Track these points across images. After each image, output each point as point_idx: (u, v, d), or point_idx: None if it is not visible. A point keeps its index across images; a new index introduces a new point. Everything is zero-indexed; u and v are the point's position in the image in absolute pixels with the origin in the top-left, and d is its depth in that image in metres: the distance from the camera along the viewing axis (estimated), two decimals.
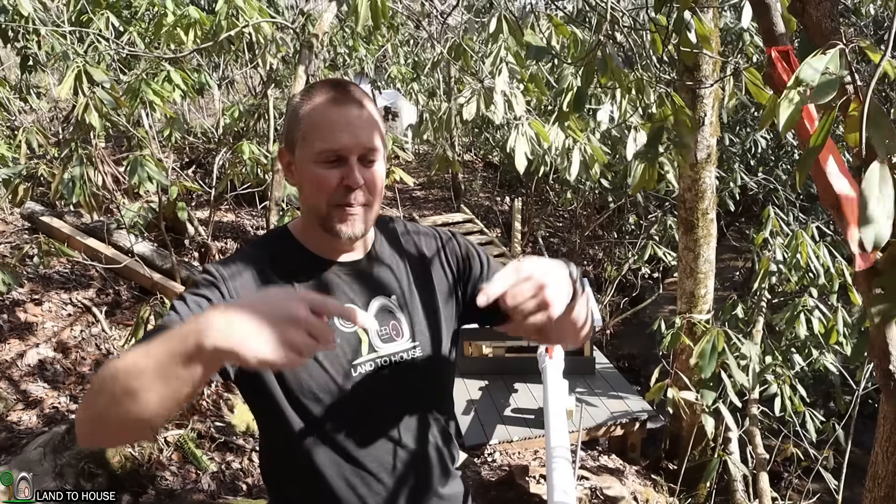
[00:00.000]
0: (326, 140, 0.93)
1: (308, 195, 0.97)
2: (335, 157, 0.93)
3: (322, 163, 0.93)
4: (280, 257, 1.02)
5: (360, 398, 1.00)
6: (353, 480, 1.02)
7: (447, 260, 1.14)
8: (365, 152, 0.94)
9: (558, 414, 3.22)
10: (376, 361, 1.01)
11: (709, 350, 2.57)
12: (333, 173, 0.93)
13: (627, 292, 8.29)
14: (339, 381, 0.98)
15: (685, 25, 1.84)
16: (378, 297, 1.04)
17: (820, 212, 6.72)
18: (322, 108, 0.94)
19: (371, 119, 0.96)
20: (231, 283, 0.95)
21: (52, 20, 4.13)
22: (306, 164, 0.95)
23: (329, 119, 0.93)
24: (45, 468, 2.70)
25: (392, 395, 1.03)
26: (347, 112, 0.94)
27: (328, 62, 8.15)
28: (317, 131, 0.93)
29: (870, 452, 1.39)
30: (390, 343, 1.03)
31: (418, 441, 1.07)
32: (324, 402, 0.98)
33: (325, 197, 0.94)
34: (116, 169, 3.16)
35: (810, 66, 0.87)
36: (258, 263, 0.99)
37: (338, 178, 0.93)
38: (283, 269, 1.00)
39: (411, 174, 4.57)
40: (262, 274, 0.99)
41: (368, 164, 0.96)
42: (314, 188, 0.95)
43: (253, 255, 1.02)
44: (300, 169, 0.97)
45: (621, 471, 4.23)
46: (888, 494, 1.32)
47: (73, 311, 4.31)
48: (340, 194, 0.94)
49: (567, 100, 2.09)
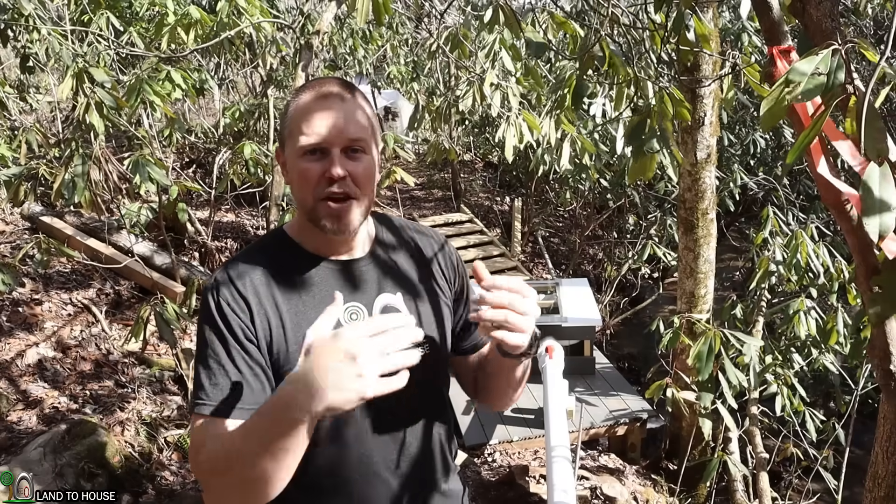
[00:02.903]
0: (308, 134, 0.93)
1: (296, 191, 0.98)
2: (318, 150, 0.93)
3: (306, 156, 0.94)
4: (278, 259, 1.01)
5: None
6: (357, 480, 1.02)
7: (444, 263, 1.15)
8: (348, 143, 0.94)
9: (558, 414, 3.21)
10: None
11: (706, 352, 2.57)
12: (316, 166, 0.94)
13: (627, 292, 8.29)
14: None
15: (685, 25, 1.84)
16: (382, 294, 1.04)
17: (820, 211, 6.72)
18: (305, 104, 0.95)
19: (355, 111, 0.96)
20: (234, 305, 0.94)
21: (51, 20, 4.12)
22: (293, 159, 0.96)
23: (311, 113, 0.94)
24: (45, 468, 2.70)
25: (398, 392, 1.03)
26: (329, 105, 0.94)
27: (328, 62, 8.15)
28: (300, 126, 0.94)
29: (870, 452, 1.39)
30: None
31: (423, 438, 1.07)
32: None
33: (310, 190, 0.95)
34: (120, 168, 3.16)
35: (802, 66, 0.88)
36: (256, 266, 0.99)
37: (321, 171, 0.93)
38: (281, 270, 1.00)
39: (411, 174, 4.55)
40: (261, 277, 0.98)
41: (354, 156, 0.95)
42: (300, 182, 0.96)
43: (250, 258, 1.01)
44: (289, 165, 0.98)
45: (621, 471, 4.23)
46: (888, 494, 1.32)
47: (73, 311, 4.31)
48: (323, 187, 0.93)
49: (567, 91, 2.08)
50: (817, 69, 0.87)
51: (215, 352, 0.93)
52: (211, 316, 0.95)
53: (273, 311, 0.96)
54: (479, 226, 8.74)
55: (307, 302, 0.99)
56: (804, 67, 0.87)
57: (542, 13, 2.37)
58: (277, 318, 0.96)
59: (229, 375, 0.92)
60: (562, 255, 9.41)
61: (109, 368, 3.95)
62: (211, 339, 0.94)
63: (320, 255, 1.02)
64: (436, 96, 7.50)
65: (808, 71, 0.87)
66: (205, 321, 0.96)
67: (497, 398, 1.17)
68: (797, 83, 0.87)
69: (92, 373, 3.85)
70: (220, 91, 8.60)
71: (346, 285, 1.02)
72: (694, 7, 1.89)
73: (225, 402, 0.90)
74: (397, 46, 8.47)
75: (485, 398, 1.21)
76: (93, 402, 3.56)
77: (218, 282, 0.97)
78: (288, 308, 0.97)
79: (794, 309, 3.36)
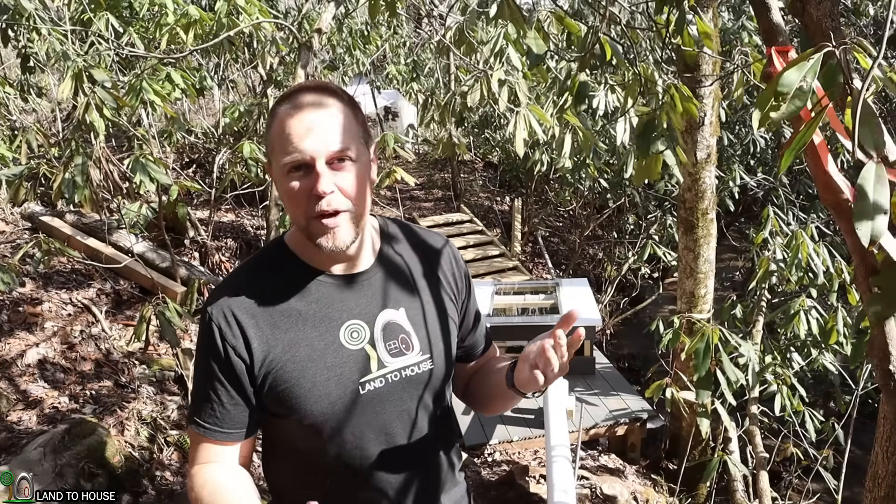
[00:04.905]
0: (288, 151, 0.88)
1: (287, 209, 0.95)
2: (302, 166, 0.89)
3: (290, 174, 0.89)
4: (277, 274, 0.99)
5: (370, 414, 0.99)
6: (362, 495, 1.02)
7: (451, 271, 1.12)
8: (333, 155, 0.89)
9: (558, 414, 3.22)
10: (386, 377, 0.99)
11: (702, 348, 2.56)
12: (303, 184, 0.89)
13: (627, 292, 8.30)
14: (347, 400, 0.97)
15: (686, 24, 1.83)
16: (385, 310, 1.01)
17: (820, 211, 6.72)
18: (280, 120, 0.90)
19: (335, 119, 0.90)
20: (228, 333, 0.95)
21: (51, 20, 4.13)
22: (278, 177, 0.91)
23: (287, 129, 0.88)
24: (45, 468, 2.70)
25: (403, 408, 1.02)
26: (304, 118, 0.88)
27: (326, 63, 8.15)
28: (279, 144, 0.89)
29: (870, 452, 1.39)
30: (400, 357, 1.01)
31: (427, 452, 1.06)
32: (331, 422, 0.97)
33: (301, 210, 0.90)
34: (120, 167, 3.16)
35: (790, 75, 0.87)
36: (253, 285, 0.97)
37: (308, 189, 0.88)
38: (279, 286, 0.98)
39: (411, 174, 4.55)
40: (259, 297, 0.96)
41: (340, 166, 0.90)
42: (289, 202, 0.92)
43: (248, 275, 1.00)
44: (277, 183, 0.94)
45: (621, 471, 4.23)
46: (888, 494, 1.32)
47: (73, 311, 4.31)
48: (313, 204, 0.89)
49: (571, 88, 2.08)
50: (804, 79, 0.86)
51: (206, 377, 0.97)
52: (205, 344, 0.96)
53: (270, 331, 0.95)
54: (479, 226, 8.74)
55: (307, 320, 0.96)
56: (792, 77, 0.87)
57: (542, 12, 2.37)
58: (275, 338, 0.95)
59: (215, 402, 0.97)
60: (562, 255, 9.41)
61: (109, 368, 3.95)
62: (204, 365, 0.97)
63: (320, 269, 0.99)
64: (436, 96, 7.50)
65: (795, 81, 0.86)
66: (200, 346, 0.98)
67: (487, 410, 1.17)
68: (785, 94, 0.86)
69: (92, 373, 3.85)
70: (220, 91, 8.59)
71: (347, 301, 0.99)
72: (695, 7, 1.89)
73: (207, 423, 0.97)
74: (397, 47, 8.48)
75: (473, 404, 1.21)
76: (93, 402, 3.56)
77: (214, 306, 0.96)
78: (288, 326, 0.96)
79: (795, 309, 3.36)
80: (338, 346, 0.97)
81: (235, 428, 0.97)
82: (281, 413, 0.97)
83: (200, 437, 0.98)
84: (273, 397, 0.95)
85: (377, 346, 0.99)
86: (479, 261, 7.69)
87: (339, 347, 0.97)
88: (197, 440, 0.99)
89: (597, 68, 1.89)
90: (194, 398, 0.99)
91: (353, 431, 0.98)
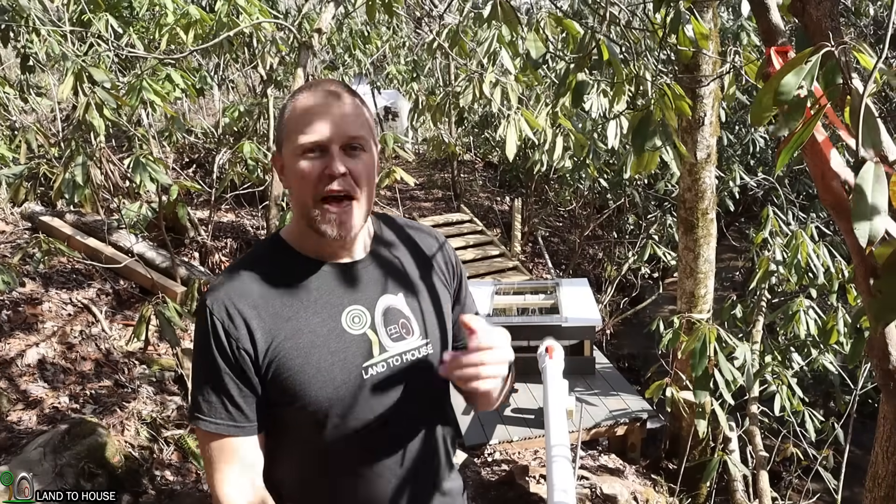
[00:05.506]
0: (307, 133, 0.93)
1: (295, 192, 0.97)
2: (317, 148, 0.93)
3: (305, 155, 0.94)
4: (275, 265, 1.00)
5: (373, 398, 1.00)
6: (362, 479, 1.02)
7: (444, 262, 1.15)
8: (347, 140, 0.94)
9: (558, 414, 3.21)
10: (388, 362, 1.01)
11: (699, 348, 2.56)
12: (316, 164, 0.93)
13: (627, 292, 8.29)
14: (350, 385, 0.98)
15: (682, 23, 1.83)
16: (385, 295, 1.04)
17: (820, 211, 6.72)
18: (301, 105, 0.95)
19: (352, 109, 0.96)
20: (229, 326, 0.95)
21: (51, 20, 4.13)
22: (291, 159, 0.95)
23: (308, 113, 0.94)
24: (45, 468, 2.70)
25: (405, 392, 1.03)
26: (326, 104, 0.94)
27: (326, 63, 8.16)
28: (299, 126, 0.94)
29: (870, 452, 1.39)
30: (401, 342, 1.03)
31: (427, 437, 1.07)
32: (336, 408, 0.98)
33: (309, 190, 0.94)
34: (121, 167, 3.16)
35: (790, 79, 0.87)
36: (253, 277, 0.98)
37: (320, 169, 0.93)
38: (279, 277, 0.99)
39: (411, 174, 4.55)
40: (259, 288, 0.97)
41: (353, 154, 0.95)
42: (299, 181, 0.95)
43: (246, 268, 1.01)
44: (287, 167, 0.97)
45: (621, 470, 4.23)
46: (888, 494, 1.32)
47: (73, 311, 4.31)
48: (324, 185, 0.93)
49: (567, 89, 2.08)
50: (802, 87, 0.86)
51: (209, 372, 0.96)
52: (205, 338, 0.96)
53: (272, 320, 0.96)
54: (478, 226, 8.74)
55: (308, 307, 0.98)
56: (790, 80, 0.86)
57: (540, 12, 2.37)
58: (277, 327, 0.96)
59: (224, 397, 0.96)
60: (562, 255, 9.41)
61: (109, 368, 3.94)
62: (205, 360, 0.96)
63: (320, 259, 1.01)
64: (435, 95, 7.50)
65: (794, 84, 0.86)
66: (199, 341, 0.97)
67: (480, 405, 1.17)
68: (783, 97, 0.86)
69: (92, 373, 3.85)
70: (220, 91, 8.60)
71: (346, 288, 1.01)
72: (692, 7, 1.89)
73: (219, 420, 0.96)
74: (397, 47, 8.48)
75: (470, 399, 1.21)
76: (93, 402, 3.55)
77: (213, 300, 0.96)
78: (290, 315, 0.97)
79: (794, 309, 3.36)
80: (340, 331, 0.98)
81: (249, 421, 0.97)
82: (285, 402, 0.97)
83: (213, 436, 0.96)
84: (277, 386, 0.96)
85: (378, 331, 1.01)
86: (479, 261, 7.68)
87: (341, 333, 0.98)
88: (209, 439, 0.97)
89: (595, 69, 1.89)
90: (198, 397, 0.97)
91: (357, 416, 0.99)
